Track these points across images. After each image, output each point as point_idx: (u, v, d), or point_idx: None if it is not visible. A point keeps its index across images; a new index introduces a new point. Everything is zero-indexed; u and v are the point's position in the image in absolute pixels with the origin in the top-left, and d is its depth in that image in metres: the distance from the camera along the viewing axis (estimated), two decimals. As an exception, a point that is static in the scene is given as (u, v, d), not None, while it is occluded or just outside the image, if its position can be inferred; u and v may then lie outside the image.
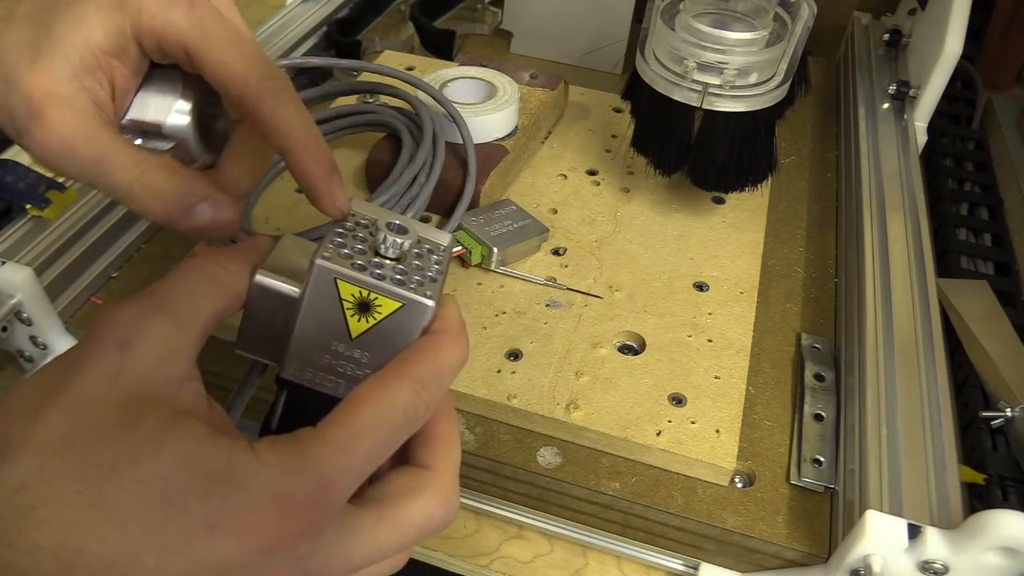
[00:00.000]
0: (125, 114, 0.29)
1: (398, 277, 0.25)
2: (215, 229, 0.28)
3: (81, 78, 0.27)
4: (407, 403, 0.23)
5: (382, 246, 0.26)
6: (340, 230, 0.26)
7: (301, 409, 0.27)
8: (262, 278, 0.26)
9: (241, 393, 0.29)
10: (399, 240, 0.26)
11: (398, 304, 0.25)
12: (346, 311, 0.25)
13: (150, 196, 0.27)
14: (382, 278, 0.25)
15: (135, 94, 0.30)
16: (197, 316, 0.24)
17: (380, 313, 0.25)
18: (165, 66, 0.29)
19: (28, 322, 0.46)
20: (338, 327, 0.25)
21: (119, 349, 0.22)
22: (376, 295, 0.25)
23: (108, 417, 0.20)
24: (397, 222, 0.27)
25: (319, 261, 0.25)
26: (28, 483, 0.19)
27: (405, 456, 0.26)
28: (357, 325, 0.25)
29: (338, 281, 0.25)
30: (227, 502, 0.20)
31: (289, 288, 0.26)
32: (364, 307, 0.25)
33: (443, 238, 0.28)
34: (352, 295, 0.25)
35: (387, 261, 0.26)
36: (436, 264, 0.27)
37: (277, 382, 0.27)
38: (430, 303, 0.25)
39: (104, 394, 0.21)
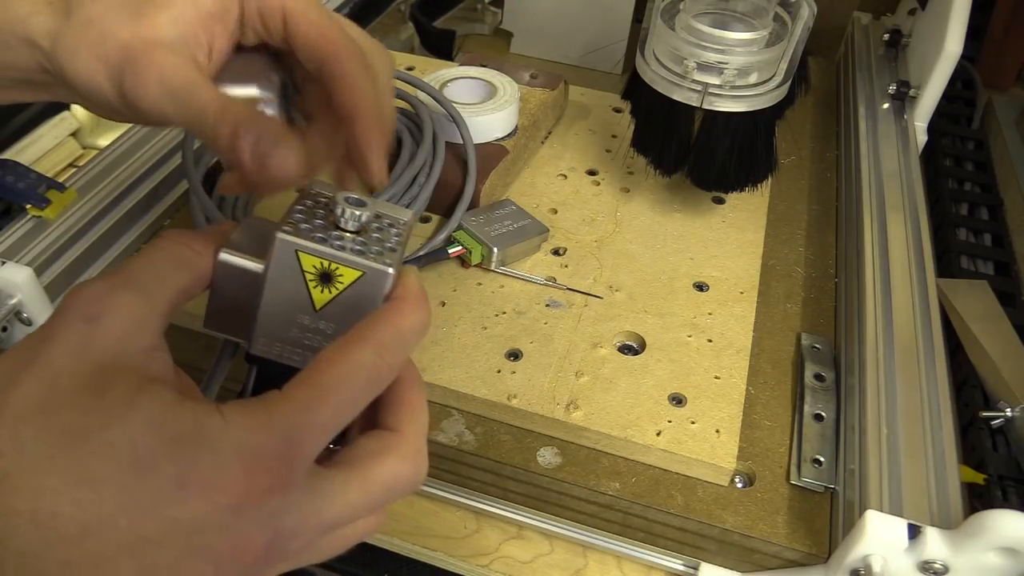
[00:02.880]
0: (217, 80, 0.30)
1: (358, 248, 0.26)
2: (280, 169, 0.29)
3: (185, 35, 0.28)
4: (370, 364, 0.24)
5: (341, 219, 0.26)
6: (300, 207, 0.27)
7: (271, 385, 0.28)
8: (226, 256, 0.26)
9: (214, 377, 0.29)
10: (357, 212, 0.26)
11: (359, 273, 0.26)
12: (308, 283, 0.26)
13: (224, 123, 0.28)
14: (342, 248, 0.26)
15: (226, 64, 0.31)
16: (163, 291, 0.24)
17: (342, 283, 0.26)
18: (248, 49, 0.31)
19: (28, 322, 0.46)
20: (302, 299, 0.26)
21: (87, 322, 0.22)
22: (337, 265, 0.26)
23: (78, 385, 0.21)
24: (355, 196, 0.27)
25: (280, 235, 0.25)
26: (2, 451, 0.20)
27: (374, 423, 0.27)
28: (320, 296, 0.26)
29: (299, 253, 0.26)
30: (195, 461, 0.21)
31: (252, 264, 0.26)
32: (326, 277, 0.26)
33: (404, 214, 0.29)
34: (314, 266, 0.26)
35: (347, 234, 0.26)
36: (396, 236, 0.27)
37: (247, 359, 0.27)
38: (389, 271, 0.26)
39: (73, 364, 0.21)
